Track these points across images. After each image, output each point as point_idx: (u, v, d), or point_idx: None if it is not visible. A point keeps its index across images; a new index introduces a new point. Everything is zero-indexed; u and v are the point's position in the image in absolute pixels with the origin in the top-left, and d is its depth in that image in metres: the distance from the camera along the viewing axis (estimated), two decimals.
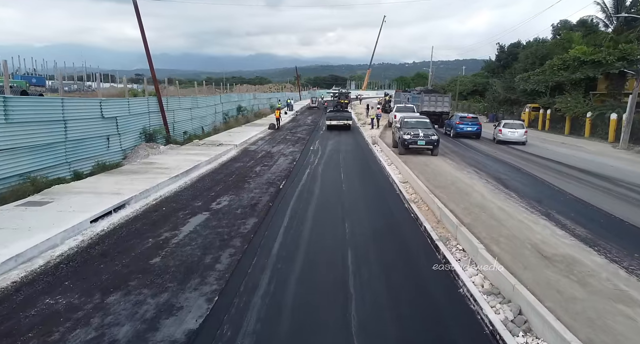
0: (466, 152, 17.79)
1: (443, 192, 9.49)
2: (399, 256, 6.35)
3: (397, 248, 6.67)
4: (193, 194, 10.15)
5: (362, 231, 7.53)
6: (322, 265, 6.06)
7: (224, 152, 16.36)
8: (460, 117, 23.76)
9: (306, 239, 7.09)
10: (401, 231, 7.53)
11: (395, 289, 5.32)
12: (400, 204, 9.29)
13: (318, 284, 5.47)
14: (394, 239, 7.07)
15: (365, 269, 5.86)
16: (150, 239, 6.96)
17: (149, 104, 16.94)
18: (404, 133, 15.26)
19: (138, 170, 12.05)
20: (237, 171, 13.07)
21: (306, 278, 5.65)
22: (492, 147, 19.77)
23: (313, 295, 5.17)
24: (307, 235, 7.31)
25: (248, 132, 23.46)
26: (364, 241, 7.01)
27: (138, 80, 50.39)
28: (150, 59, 17.63)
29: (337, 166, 14.18)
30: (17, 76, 54.82)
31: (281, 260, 6.16)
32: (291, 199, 9.75)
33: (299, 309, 4.80)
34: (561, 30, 35.19)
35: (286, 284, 5.38)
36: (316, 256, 6.41)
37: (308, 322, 4.55)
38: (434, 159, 14.80)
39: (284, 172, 12.89)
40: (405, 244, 6.89)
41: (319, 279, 5.60)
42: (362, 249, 6.60)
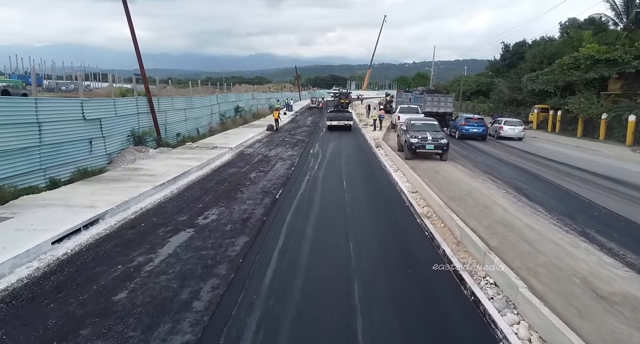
0: (477, 156, 16.70)
1: (460, 206, 8.40)
2: (415, 291, 5.26)
3: (413, 280, 5.58)
4: (179, 205, 9.06)
5: (369, 255, 6.44)
6: (323, 303, 4.97)
7: (218, 156, 15.28)
8: (465, 118, 23.07)
9: (304, 266, 6.00)
10: (416, 255, 6.43)
11: (415, 339, 4.23)
12: (411, 219, 8.19)
13: (318, 331, 4.39)
14: (408, 267, 5.98)
15: (376, 309, 4.77)
16: (120, 265, 5.87)
17: (138, 105, 15.87)
18: (411, 136, 14.16)
19: (121, 177, 10.96)
20: (230, 178, 11.98)
21: (304, 321, 4.56)
22: (504, 150, 18.67)
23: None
24: (305, 260, 6.23)
25: (245, 134, 22.38)
26: (372, 269, 5.92)
27: (137, 79, 49.49)
28: (139, 56, 16.54)
29: (338, 172, 13.09)
30: (14, 76, 53.96)
31: (273, 295, 5.07)
32: (288, 212, 8.66)
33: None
34: (569, 29, 34.04)
35: (279, 333, 4.29)
36: (316, 290, 5.32)
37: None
38: (444, 165, 13.70)
39: (281, 179, 11.81)
40: (422, 273, 5.80)
41: (319, 324, 4.51)
42: (371, 280, 5.51)
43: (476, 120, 22.59)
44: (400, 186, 10.78)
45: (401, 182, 11.10)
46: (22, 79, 48.90)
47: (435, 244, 6.64)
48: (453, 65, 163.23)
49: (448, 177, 11.52)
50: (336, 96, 36.87)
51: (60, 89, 49.67)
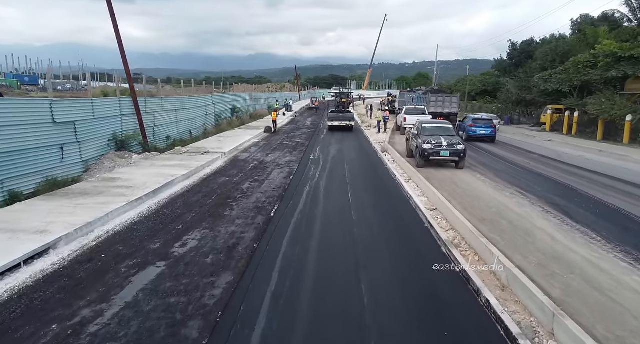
0: (494, 162, 15.17)
1: (493, 231, 6.90)
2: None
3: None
4: (153, 227, 7.56)
5: (388, 302, 4.95)
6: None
7: (209, 163, 13.78)
8: (473, 119, 22.28)
9: (305, 323, 4.50)
10: (450, 306, 4.91)
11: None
12: (434, 248, 6.68)
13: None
14: (444, 328, 4.47)
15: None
16: (55, 324, 4.37)
17: (121, 106, 14.39)
18: (423, 142, 12.63)
19: (91, 190, 9.46)
20: (219, 190, 10.49)
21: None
22: (520, 154, 17.15)
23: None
24: (305, 311, 4.73)
25: (241, 137, 20.89)
26: (394, 327, 4.42)
27: (136, 79, 48.24)
28: (123, 51, 15.07)
29: (342, 182, 11.60)
30: (9, 75, 52.62)
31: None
32: (284, 236, 7.17)
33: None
34: (582, 26, 32.50)
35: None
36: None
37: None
38: (461, 174, 12.19)
39: (277, 191, 10.33)
40: (466, 339, 4.30)
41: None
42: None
43: (484, 121, 22.00)
44: (415, 200, 9.28)
45: (416, 196, 9.60)
46: (17, 79, 47.60)
47: (473, 289, 5.13)
48: (453, 65, 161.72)
49: (470, 191, 10.01)
50: (337, 95, 35.48)
51: (56, 89, 48.54)
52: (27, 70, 65.16)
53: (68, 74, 59.05)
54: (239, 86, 59.52)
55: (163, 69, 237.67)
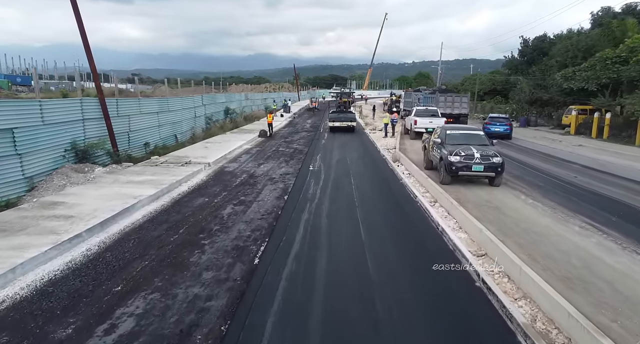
0: (532, 175, 12.63)
1: (597, 304, 4.46)
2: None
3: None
4: (78, 290, 5.12)
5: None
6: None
7: (187, 177, 11.35)
8: (490, 117, 23.71)
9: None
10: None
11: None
12: (507, 338, 4.22)
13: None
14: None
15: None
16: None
17: (83, 108, 11.97)
18: (450, 152, 10.13)
19: (14, 223, 7.01)
20: (192, 218, 8.06)
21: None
22: (560, 166, 14.64)
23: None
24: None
25: (232, 142, 18.47)
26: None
27: (133, 79, 46.20)
28: (87, 45, 12.66)
29: (350, 205, 9.15)
30: (1, 75, 50.31)
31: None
32: (271, 305, 4.75)
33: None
34: (603, 19, 30.00)
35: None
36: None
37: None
38: (500, 193, 9.71)
39: (266, 220, 7.91)
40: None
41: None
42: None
43: (500, 119, 22.80)
44: (450, 237, 6.82)
45: (450, 230, 7.15)
46: (8, 79, 45.27)
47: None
48: (453, 65, 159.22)
49: (522, 221, 7.53)
50: (338, 95, 33.33)
51: (49, 89, 46.27)
52: (24, 70, 63.17)
53: (64, 74, 57.36)
54: (237, 86, 57.09)
55: (162, 70, 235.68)
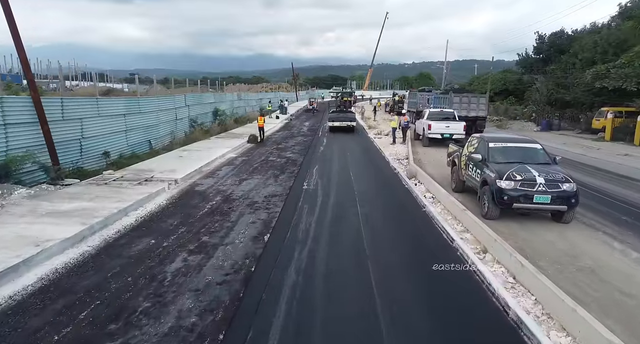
0: (597, 201, 9.61)
1: None
2: None
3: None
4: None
5: None
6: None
7: (140, 203, 8.47)
8: None
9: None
10: None
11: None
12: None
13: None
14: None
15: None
16: None
17: (3, 111, 9.13)
18: (499, 175, 7.10)
19: None
20: (113, 283, 5.17)
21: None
22: (626, 185, 11.72)
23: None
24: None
25: (214, 150, 15.62)
26: None
27: (132, 79, 43.94)
28: (18, 38, 9.82)
29: (359, 253, 6.25)
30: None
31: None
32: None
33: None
34: (633, 11, 27.07)
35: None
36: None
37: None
38: (576, 237, 6.70)
39: (231, 286, 5.05)
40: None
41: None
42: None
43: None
44: (533, 332, 3.92)
45: (524, 314, 4.28)
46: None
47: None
48: (454, 66, 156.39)
49: (628, 293, 4.62)
50: (338, 94, 30.75)
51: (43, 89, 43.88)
52: (19, 70, 60.87)
53: (59, 74, 55.31)
54: (234, 86, 54.17)
55: (162, 70, 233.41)
